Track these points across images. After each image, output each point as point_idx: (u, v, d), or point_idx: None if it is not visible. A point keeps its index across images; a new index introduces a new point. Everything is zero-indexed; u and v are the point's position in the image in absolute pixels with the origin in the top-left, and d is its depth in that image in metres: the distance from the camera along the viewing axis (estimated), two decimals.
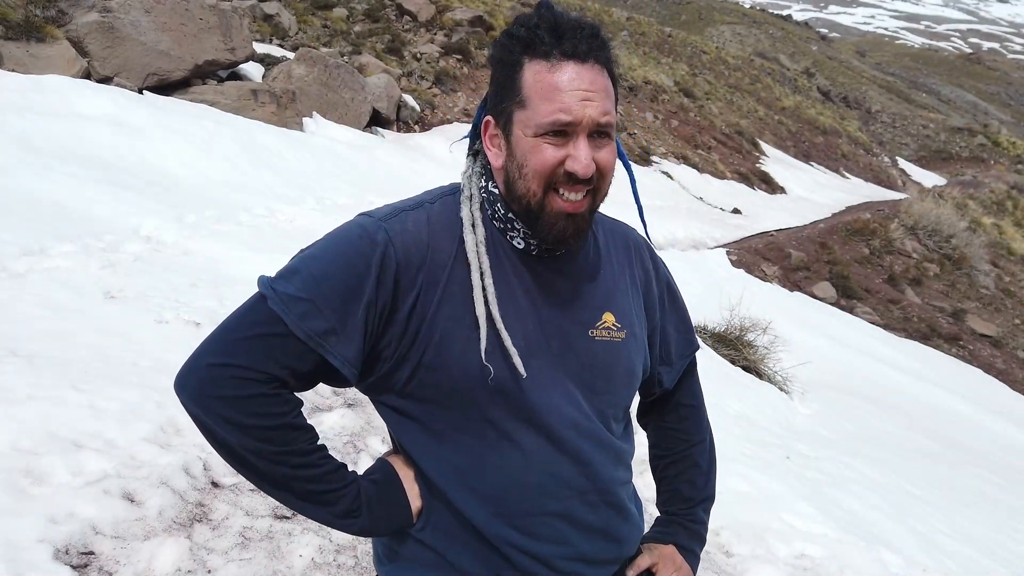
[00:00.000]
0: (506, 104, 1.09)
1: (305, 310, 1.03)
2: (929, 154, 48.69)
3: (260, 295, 1.05)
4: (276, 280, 1.06)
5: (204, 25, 9.72)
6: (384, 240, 1.07)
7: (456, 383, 1.09)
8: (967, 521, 4.72)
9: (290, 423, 1.05)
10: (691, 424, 1.42)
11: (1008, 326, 14.23)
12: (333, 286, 1.04)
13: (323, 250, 1.08)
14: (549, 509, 1.14)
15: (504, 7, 22.42)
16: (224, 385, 1.01)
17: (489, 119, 1.13)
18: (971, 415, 8.17)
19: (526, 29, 1.07)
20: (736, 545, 3.37)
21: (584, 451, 1.15)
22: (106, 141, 6.63)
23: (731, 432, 4.67)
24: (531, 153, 1.07)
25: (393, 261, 1.06)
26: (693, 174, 18.90)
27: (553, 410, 1.12)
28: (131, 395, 2.94)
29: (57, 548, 2.11)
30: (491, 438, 1.11)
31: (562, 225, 1.09)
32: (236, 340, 1.03)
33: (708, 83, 33.92)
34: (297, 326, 1.02)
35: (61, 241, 4.46)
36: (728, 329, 6.70)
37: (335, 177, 8.53)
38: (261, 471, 1.05)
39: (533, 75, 1.06)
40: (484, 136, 1.14)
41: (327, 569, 2.44)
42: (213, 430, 1.04)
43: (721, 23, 75.30)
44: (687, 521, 1.38)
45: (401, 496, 1.14)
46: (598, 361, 1.17)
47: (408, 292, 1.07)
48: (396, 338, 1.08)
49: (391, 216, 1.11)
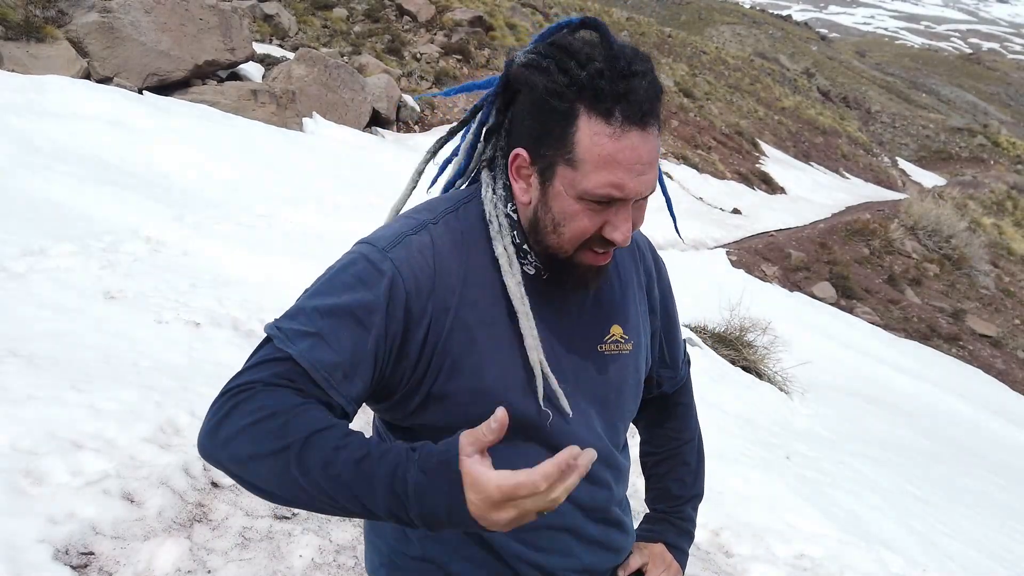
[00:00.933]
0: (551, 153, 0.99)
1: (312, 344, 0.96)
2: (929, 154, 48.69)
3: (266, 338, 1.00)
4: (281, 320, 1.01)
5: (204, 25, 9.73)
6: (391, 270, 1.01)
7: (468, 411, 1.03)
8: (967, 521, 4.72)
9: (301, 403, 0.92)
10: (682, 423, 1.42)
11: (1008, 326, 14.23)
12: (341, 320, 0.98)
13: (327, 286, 1.02)
14: (556, 524, 1.14)
15: (504, 7, 22.42)
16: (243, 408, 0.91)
17: (523, 153, 1.02)
18: (971, 415, 8.18)
19: (586, 73, 0.94)
20: (736, 545, 3.37)
21: (595, 473, 1.15)
22: (106, 141, 6.63)
23: (731, 432, 4.67)
24: (571, 217, 1.00)
25: (402, 291, 1.01)
26: (693, 174, 18.90)
27: (570, 437, 1.10)
28: (131, 395, 2.94)
29: (57, 548, 2.11)
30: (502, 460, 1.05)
31: (587, 276, 1.07)
32: (240, 374, 0.96)
33: (708, 83, 33.92)
34: (303, 357, 0.95)
35: (61, 241, 4.45)
36: (728, 329, 6.70)
37: (335, 177, 8.53)
38: (325, 484, 0.87)
39: (591, 138, 0.95)
40: (511, 165, 1.04)
41: (327, 569, 2.44)
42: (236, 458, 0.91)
43: (721, 23, 75.32)
44: (676, 519, 1.39)
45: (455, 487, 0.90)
46: (609, 375, 1.16)
47: (419, 322, 1.02)
48: (409, 369, 1.03)
49: (395, 244, 1.04)
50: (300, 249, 5.74)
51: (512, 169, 1.05)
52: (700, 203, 16.98)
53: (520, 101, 1.03)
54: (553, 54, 0.98)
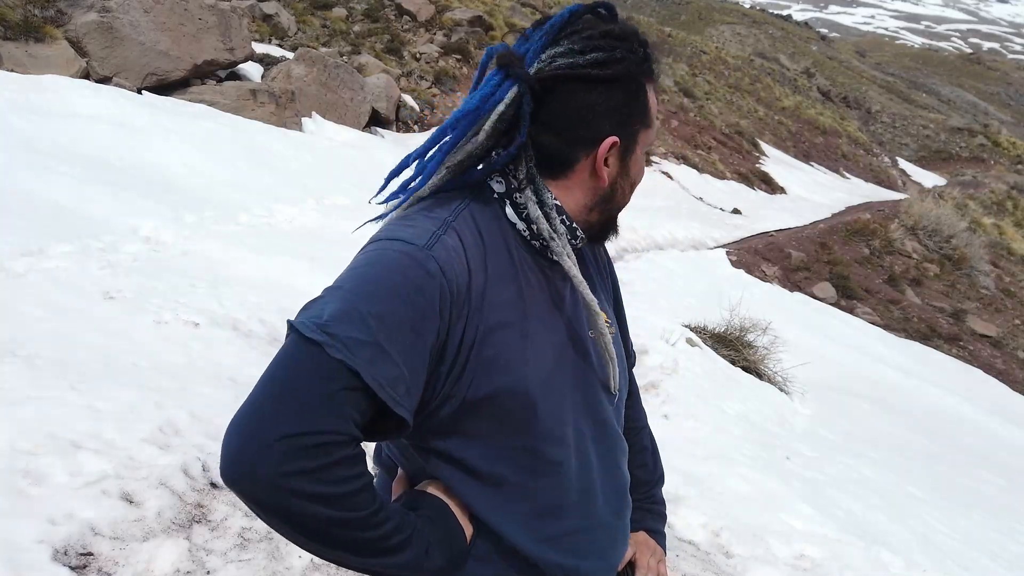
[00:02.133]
0: (636, 126, 1.10)
1: (373, 355, 0.89)
2: (929, 154, 48.67)
3: (312, 343, 0.88)
4: (329, 324, 0.89)
5: (203, 25, 9.72)
6: (436, 271, 0.96)
7: (500, 413, 1.04)
8: (967, 521, 4.72)
9: (369, 482, 0.92)
10: (636, 411, 1.45)
11: (1008, 326, 14.23)
12: (397, 326, 0.92)
13: (372, 285, 0.94)
14: (588, 524, 1.14)
15: (503, 7, 22.42)
16: (304, 456, 0.84)
17: (616, 140, 1.07)
18: (971, 415, 8.17)
19: (643, 48, 1.09)
20: (736, 546, 3.36)
21: (610, 457, 1.18)
22: (105, 141, 6.62)
23: (731, 433, 4.67)
24: (642, 169, 1.16)
25: (448, 293, 0.97)
26: (693, 174, 18.89)
27: (600, 424, 1.14)
28: (130, 396, 2.94)
29: (56, 549, 2.10)
30: (534, 463, 1.08)
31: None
32: (303, 401, 0.86)
33: (708, 83, 33.92)
34: (370, 375, 0.88)
35: (60, 241, 4.45)
36: (728, 329, 6.70)
37: (334, 177, 8.53)
38: (349, 542, 0.91)
39: (652, 97, 1.11)
40: (600, 155, 1.07)
41: (326, 570, 2.44)
42: (292, 514, 0.86)
43: (721, 23, 75.31)
44: (650, 504, 1.42)
45: (455, 525, 1.04)
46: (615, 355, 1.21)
47: (456, 325, 0.99)
48: (444, 375, 1.00)
49: (432, 242, 0.99)
50: (299, 249, 5.74)
51: (601, 158, 1.08)
52: (700, 203, 16.98)
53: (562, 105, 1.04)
54: (613, 44, 1.06)
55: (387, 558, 0.94)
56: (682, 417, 4.61)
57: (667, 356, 5.50)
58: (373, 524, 0.91)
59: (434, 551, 0.99)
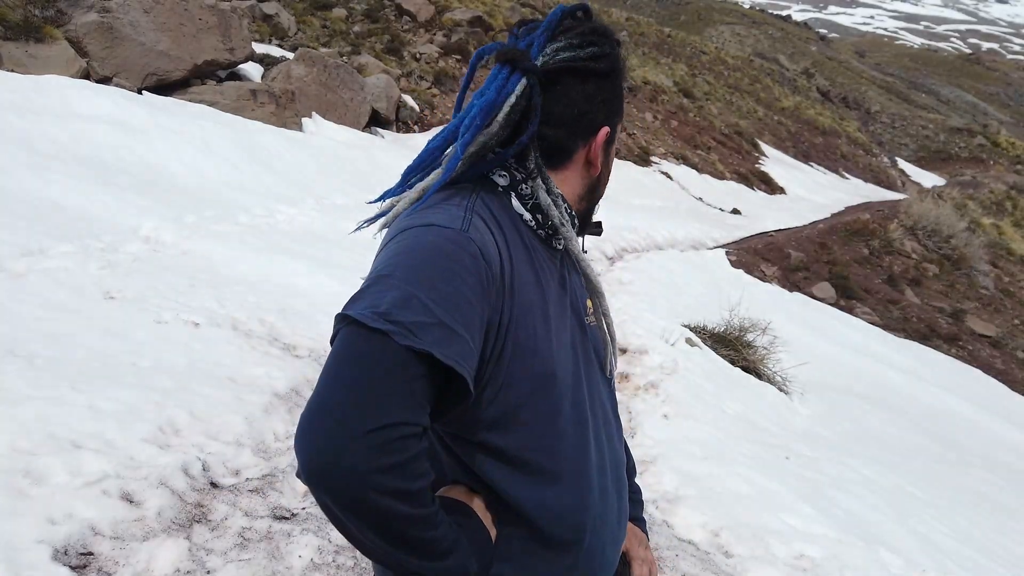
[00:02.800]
0: (619, 117, 1.18)
1: (441, 335, 0.88)
2: (928, 154, 48.68)
3: (376, 332, 0.86)
4: (390, 312, 0.87)
5: (203, 25, 9.72)
6: (477, 252, 0.98)
7: (536, 397, 1.06)
8: (967, 522, 4.72)
9: (433, 478, 0.92)
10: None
11: (1007, 326, 14.23)
12: (458, 305, 0.92)
13: (424, 269, 0.94)
14: (609, 509, 1.17)
15: (503, 7, 22.42)
16: (392, 451, 0.83)
17: (609, 130, 1.16)
18: (970, 415, 8.17)
19: (618, 44, 1.16)
20: (735, 546, 3.37)
21: (614, 437, 1.24)
22: (105, 141, 6.62)
23: (731, 433, 4.67)
24: (612, 157, 1.22)
25: (490, 275, 0.99)
26: (693, 174, 18.89)
27: (600, 403, 1.20)
28: (130, 395, 2.94)
29: (56, 549, 2.11)
30: (573, 453, 1.11)
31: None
32: (381, 393, 0.84)
33: (707, 83, 33.92)
34: (443, 354, 0.87)
35: (60, 241, 4.45)
36: (728, 329, 6.70)
37: (334, 177, 8.53)
38: (419, 542, 0.89)
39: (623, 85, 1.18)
40: (596, 146, 1.15)
41: (326, 570, 2.44)
42: (380, 515, 0.85)
43: (720, 23, 75.31)
44: (630, 493, 1.44)
45: (483, 530, 1.04)
46: (600, 344, 1.26)
47: (496, 307, 1.00)
48: (486, 358, 1.00)
49: (468, 226, 1.00)
50: (299, 249, 5.74)
51: (596, 149, 1.15)
52: (700, 203, 16.98)
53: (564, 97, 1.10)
54: (602, 40, 1.13)
55: (435, 562, 0.92)
56: (681, 417, 4.61)
57: (667, 356, 5.50)
58: (434, 524, 0.91)
59: (471, 556, 0.98)
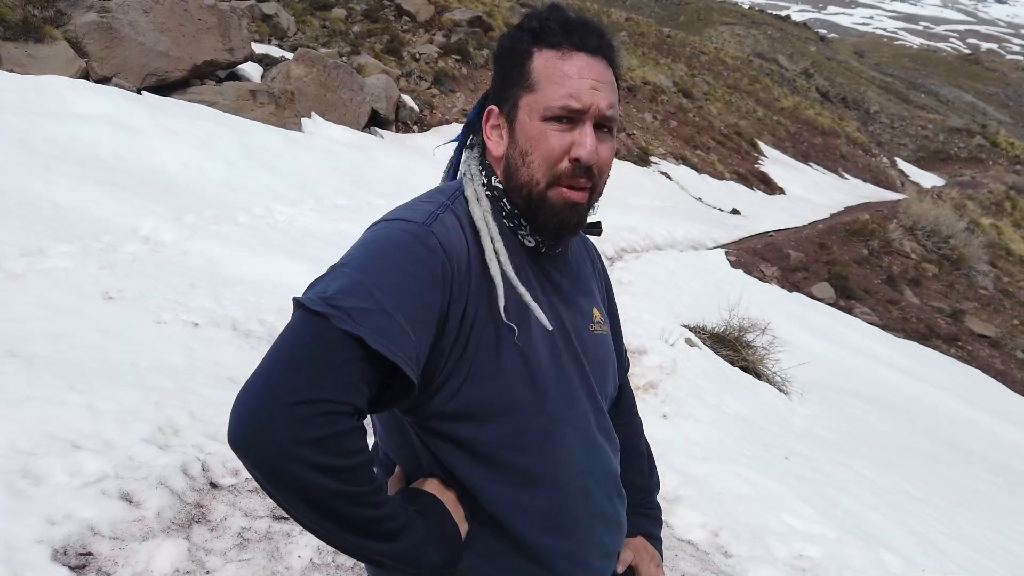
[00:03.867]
0: (513, 90, 1.10)
1: (378, 323, 0.91)
2: (928, 155, 48.68)
3: (317, 315, 0.91)
4: (334, 297, 0.92)
5: (203, 25, 9.72)
6: (436, 246, 1.01)
7: (504, 393, 1.06)
8: (966, 522, 4.72)
9: (371, 458, 0.94)
10: (631, 416, 1.48)
11: (1007, 327, 14.24)
12: (400, 295, 0.95)
13: (375, 260, 0.98)
14: (589, 511, 1.16)
15: (503, 7, 22.42)
16: (315, 426, 0.86)
17: (493, 108, 1.14)
18: (970, 416, 8.17)
19: (537, 22, 1.10)
20: (735, 546, 3.37)
21: (602, 447, 1.20)
22: (105, 141, 6.62)
23: (730, 433, 4.67)
24: (537, 139, 1.07)
25: (449, 269, 1.01)
26: (692, 174, 18.89)
27: (582, 409, 1.16)
28: (129, 396, 2.94)
29: (55, 549, 2.11)
30: (541, 450, 1.10)
31: (565, 214, 1.09)
32: (312, 371, 0.88)
33: (707, 84, 33.92)
34: (376, 341, 0.90)
35: (60, 241, 4.45)
36: (727, 330, 6.70)
37: (334, 178, 8.53)
38: (349, 518, 0.91)
39: (544, 62, 1.08)
40: (485, 126, 1.14)
41: (325, 570, 2.44)
42: (299, 483, 0.87)
43: (720, 24, 75.30)
44: (647, 509, 1.44)
45: (451, 524, 1.05)
46: (599, 354, 1.23)
47: (459, 299, 1.02)
48: (447, 350, 1.02)
49: (431, 220, 1.04)
50: (299, 249, 5.74)
51: (486, 129, 1.14)
52: (699, 203, 16.98)
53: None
54: (508, 32, 1.15)
55: (380, 543, 0.95)
56: (681, 417, 4.61)
57: (666, 356, 5.50)
58: (371, 503, 0.92)
59: (428, 546, 1.00)
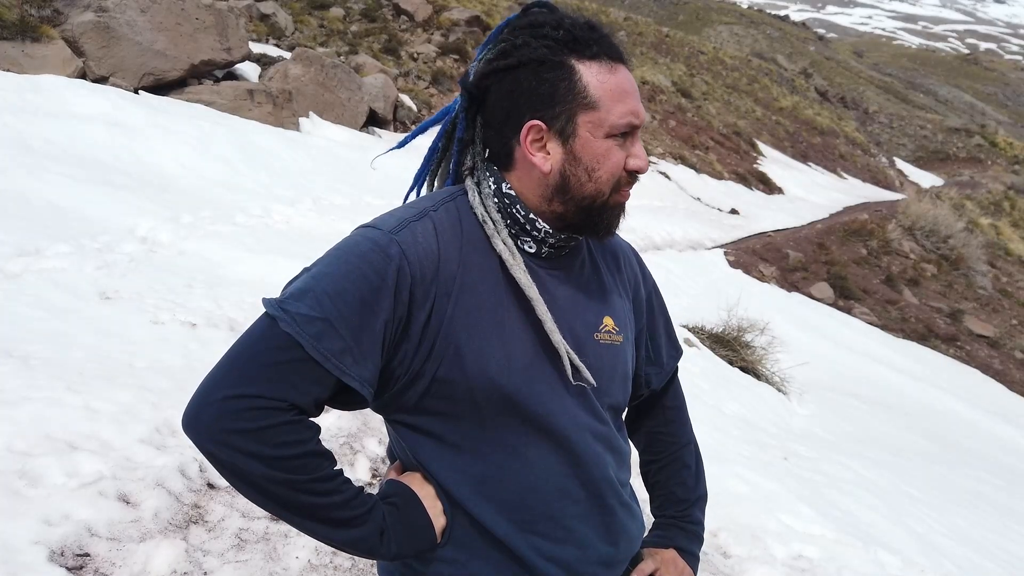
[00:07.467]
0: (568, 107, 1.07)
1: (320, 330, 0.98)
2: (926, 155, 48.73)
3: (270, 317, 0.99)
4: (286, 301, 1.00)
5: (200, 25, 9.70)
6: (397, 253, 1.03)
7: (474, 395, 1.07)
8: (965, 522, 4.72)
9: (313, 450, 1.00)
10: (677, 427, 1.44)
11: (1005, 326, 14.25)
12: (348, 303, 0.99)
13: (333, 266, 1.03)
14: (570, 512, 1.15)
15: (501, 7, 22.42)
16: (242, 418, 0.95)
17: (538, 124, 1.08)
18: (968, 416, 8.18)
19: (563, 32, 1.07)
20: (733, 546, 3.36)
21: (598, 454, 1.17)
22: (102, 141, 6.61)
23: (729, 433, 4.67)
24: (604, 156, 1.08)
25: (408, 275, 1.03)
26: (691, 174, 18.90)
27: (570, 416, 1.14)
28: (127, 396, 2.93)
29: (52, 550, 2.10)
30: (510, 447, 1.10)
31: (617, 216, 1.15)
32: (249, 368, 0.98)
33: (706, 83, 33.93)
34: (313, 348, 0.97)
35: (56, 242, 4.44)
36: (726, 330, 6.70)
37: (332, 177, 8.52)
38: (288, 502, 0.99)
39: (596, 78, 1.06)
40: (525, 140, 1.09)
41: (323, 571, 2.43)
42: (234, 467, 0.96)
43: (719, 23, 75.33)
44: (684, 523, 1.38)
45: (422, 517, 1.09)
46: (604, 363, 1.19)
47: (422, 306, 1.05)
48: (410, 353, 1.06)
49: (399, 228, 1.07)
50: (296, 249, 5.73)
51: (526, 144, 1.10)
52: (698, 203, 16.98)
53: (492, 101, 1.11)
54: (521, 33, 1.09)
55: (333, 530, 1.01)
56: None
57: None
58: (315, 491, 0.98)
59: (389, 537, 1.04)
